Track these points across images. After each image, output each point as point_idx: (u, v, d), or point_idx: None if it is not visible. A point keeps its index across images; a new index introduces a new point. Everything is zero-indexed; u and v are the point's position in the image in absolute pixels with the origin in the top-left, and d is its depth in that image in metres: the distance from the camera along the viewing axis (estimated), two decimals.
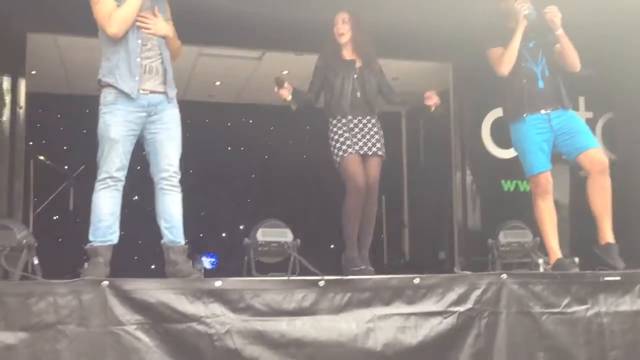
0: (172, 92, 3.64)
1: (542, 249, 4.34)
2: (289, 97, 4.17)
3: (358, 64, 4.33)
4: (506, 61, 4.27)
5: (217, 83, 6.71)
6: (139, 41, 3.54)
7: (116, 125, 3.47)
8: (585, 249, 4.75)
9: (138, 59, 3.51)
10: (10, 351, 3.02)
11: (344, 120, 4.24)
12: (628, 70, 5.82)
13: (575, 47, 5.35)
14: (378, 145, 4.27)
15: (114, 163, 3.47)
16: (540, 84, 4.28)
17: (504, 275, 3.83)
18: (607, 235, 4.21)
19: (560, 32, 4.25)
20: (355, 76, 4.28)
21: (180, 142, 3.64)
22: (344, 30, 4.31)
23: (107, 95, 3.53)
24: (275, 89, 4.18)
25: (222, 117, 7.09)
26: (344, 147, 4.17)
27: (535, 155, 4.26)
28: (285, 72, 6.36)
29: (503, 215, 4.84)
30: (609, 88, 6.05)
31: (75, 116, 6.11)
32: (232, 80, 6.58)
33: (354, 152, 4.17)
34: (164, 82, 3.60)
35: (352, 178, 4.13)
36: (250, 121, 7.15)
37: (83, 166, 5.72)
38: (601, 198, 4.21)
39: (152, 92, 3.55)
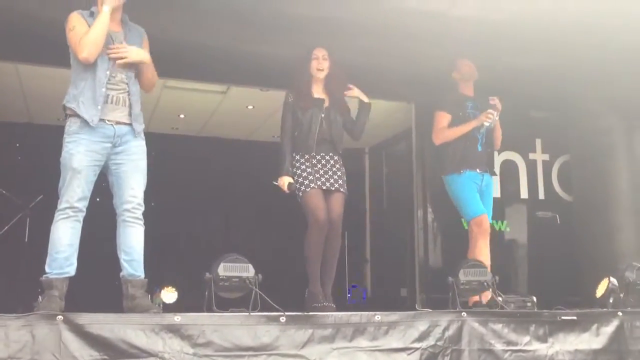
0: (139, 127, 3.63)
1: (501, 287, 4.41)
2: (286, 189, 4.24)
3: (326, 103, 4.38)
4: (444, 139, 4.91)
5: (181, 116, 6.69)
6: (107, 72, 3.54)
7: (79, 155, 3.44)
8: (542, 288, 4.84)
9: (103, 89, 3.51)
10: None
11: (307, 156, 4.27)
12: (583, 113, 6.01)
13: (533, 89, 5.55)
14: (340, 182, 4.31)
15: (75, 193, 3.43)
16: (480, 148, 4.92)
17: (464, 313, 3.87)
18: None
19: (497, 118, 4.92)
20: (322, 115, 4.33)
21: (145, 175, 3.62)
22: (324, 66, 4.38)
23: (71, 125, 3.50)
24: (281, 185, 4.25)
25: (185, 150, 7.04)
26: (306, 182, 4.20)
27: (475, 200, 4.78)
28: (250, 107, 6.40)
29: (463, 253, 4.90)
30: (565, 130, 6.23)
31: (35, 146, 6.00)
32: (197, 113, 6.57)
33: (316, 187, 4.20)
34: (130, 115, 3.59)
35: (313, 212, 4.15)
36: (214, 155, 7.12)
37: (41, 196, 5.59)
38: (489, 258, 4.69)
39: (117, 122, 3.54)
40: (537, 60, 5.28)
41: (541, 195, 6.27)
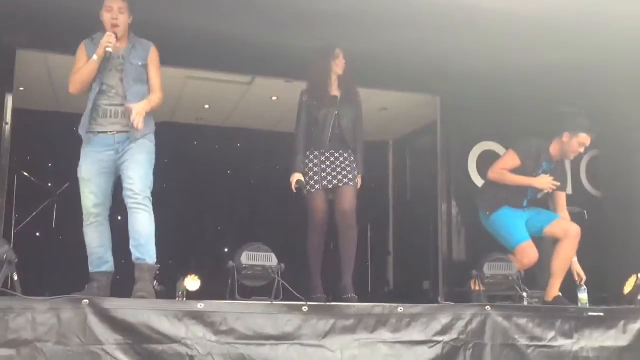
0: (138, 133, 3.72)
1: (526, 282, 4.37)
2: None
3: (339, 100, 4.46)
4: (499, 179, 4.71)
5: (206, 106, 6.71)
6: (97, 89, 3.73)
7: (87, 165, 3.69)
8: (569, 284, 4.78)
9: (90, 105, 3.73)
10: None
11: (316, 153, 4.36)
12: (614, 107, 5.89)
13: (562, 83, 5.46)
14: (350, 176, 4.35)
15: (89, 200, 3.66)
16: (525, 203, 4.75)
17: (488, 307, 3.83)
18: (556, 290, 4.55)
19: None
20: (336, 112, 4.40)
21: (144, 166, 3.71)
22: (343, 65, 4.46)
23: (83, 142, 3.76)
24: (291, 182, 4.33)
25: (209, 141, 7.07)
26: (311, 182, 4.32)
27: (517, 228, 4.60)
28: (274, 98, 6.39)
29: (488, 247, 4.83)
30: (595, 124, 6.12)
31: (61, 134, 6.05)
32: (221, 104, 6.58)
33: (320, 187, 4.30)
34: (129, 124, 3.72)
35: (313, 214, 4.31)
36: (238, 145, 7.14)
37: (67, 184, 5.66)
38: (567, 260, 4.59)
39: (118, 132, 3.71)
40: (567, 55, 5.19)
41: (569, 191, 6.18)
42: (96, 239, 3.67)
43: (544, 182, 4.66)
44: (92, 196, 3.65)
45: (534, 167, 4.74)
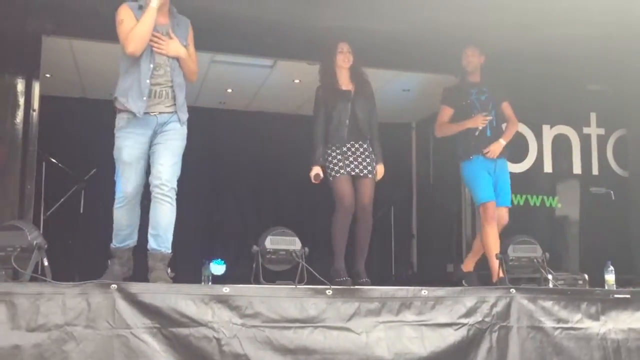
0: (184, 116, 3.77)
1: (551, 264, 4.33)
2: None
3: (353, 94, 4.58)
4: (443, 133, 5.04)
5: (229, 90, 6.72)
6: (151, 65, 3.66)
7: (128, 149, 3.65)
8: (595, 265, 4.74)
9: (148, 81, 3.64)
10: (17, 351, 3.03)
11: (334, 147, 4.50)
12: None
13: (588, 61, 5.34)
14: (369, 168, 4.51)
15: (129, 182, 3.66)
16: (489, 133, 4.85)
17: (513, 290, 3.82)
18: (470, 266, 4.91)
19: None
20: (350, 107, 4.53)
21: (176, 154, 3.72)
22: (349, 58, 4.58)
23: (120, 121, 3.70)
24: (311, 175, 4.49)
25: (232, 125, 7.10)
26: (336, 169, 4.45)
27: (484, 186, 4.75)
28: (297, 81, 6.38)
29: (512, 229, 4.81)
30: (622, 104, 6.02)
31: (88, 120, 6.13)
32: (244, 87, 6.59)
33: (345, 172, 4.42)
34: (174, 105, 3.72)
35: (341, 198, 4.39)
36: (261, 129, 7.15)
37: (94, 170, 5.74)
38: (495, 244, 4.62)
39: (160, 113, 3.70)
40: (594, 32, 5.09)
41: (595, 171, 6.11)
42: (127, 218, 3.70)
43: (476, 121, 4.83)
44: (132, 179, 3.65)
45: (465, 102, 4.90)
